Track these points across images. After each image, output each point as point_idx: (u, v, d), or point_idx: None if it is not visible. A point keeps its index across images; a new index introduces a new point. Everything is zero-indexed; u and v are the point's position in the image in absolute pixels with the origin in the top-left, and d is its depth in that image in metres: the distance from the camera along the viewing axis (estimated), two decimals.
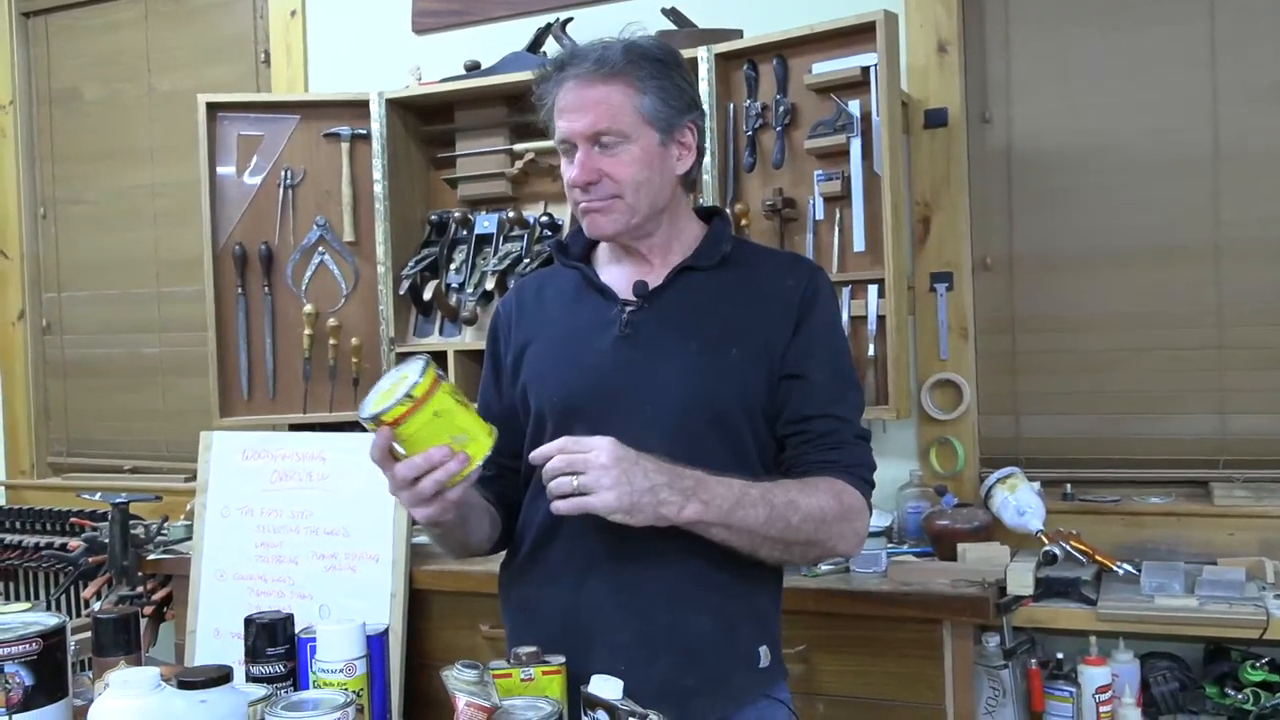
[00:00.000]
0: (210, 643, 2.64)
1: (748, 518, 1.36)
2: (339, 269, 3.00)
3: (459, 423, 1.25)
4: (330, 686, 1.25)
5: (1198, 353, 2.52)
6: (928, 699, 2.09)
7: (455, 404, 1.25)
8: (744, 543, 1.39)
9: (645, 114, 1.45)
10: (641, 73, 1.45)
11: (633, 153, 1.45)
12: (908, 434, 2.68)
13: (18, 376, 3.85)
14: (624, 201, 1.46)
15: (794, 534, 1.40)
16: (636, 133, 1.45)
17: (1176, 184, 2.53)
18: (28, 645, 1.15)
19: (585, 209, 1.49)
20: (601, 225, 1.49)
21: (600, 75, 1.44)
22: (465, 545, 1.55)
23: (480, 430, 1.27)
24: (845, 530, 1.45)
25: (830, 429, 1.48)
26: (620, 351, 1.48)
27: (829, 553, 1.48)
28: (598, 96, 1.44)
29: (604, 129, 1.43)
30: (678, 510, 1.31)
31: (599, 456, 1.28)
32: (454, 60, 2.98)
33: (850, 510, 1.45)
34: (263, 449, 2.71)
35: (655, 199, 1.49)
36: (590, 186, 1.46)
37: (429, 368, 1.25)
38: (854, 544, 1.48)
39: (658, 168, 1.48)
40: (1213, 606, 2.09)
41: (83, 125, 3.80)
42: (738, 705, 1.48)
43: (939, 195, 2.64)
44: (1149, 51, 2.54)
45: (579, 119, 1.44)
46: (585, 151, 1.45)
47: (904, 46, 2.60)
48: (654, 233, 1.52)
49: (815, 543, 1.43)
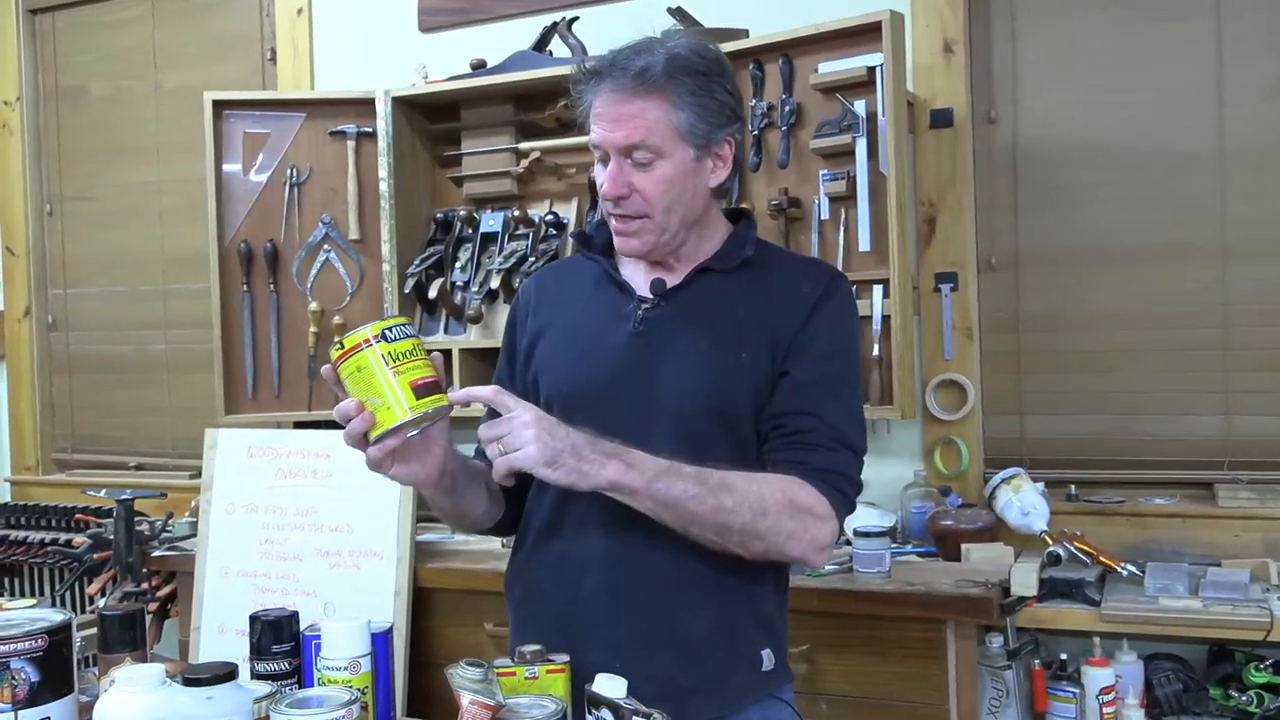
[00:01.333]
0: (215, 640, 2.65)
1: (673, 489, 1.33)
2: (344, 267, 3.00)
3: (375, 385, 1.27)
4: (335, 684, 1.25)
5: (1203, 353, 2.51)
6: (931, 699, 2.09)
7: (383, 367, 1.26)
8: (672, 518, 1.35)
9: (681, 130, 1.42)
10: (681, 88, 1.42)
11: (665, 170, 1.43)
12: (912, 434, 2.68)
13: (23, 373, 3.86)
14: (653, 222, 1.45)
15: (727, 517, 1.35)
16: (671, 149, 1.43)
17: (1182, 182, 2.52)
18: (33, 641, 1.15)
19: (617, 229, 1.49)
20: (633, 246, 1.48)
21: (639, 90, 1.41)
22: (460, 517, 1.55)
23: (401, 400, 1.26)
24: (793, 529, 1.38)
25: (806, 427, 1.43)
26: (632, 347, 1.48)
27: (777, 552, 1.40)
28: (634, 110, 1.41)
29: (637, 143, 1.41)
30: (598, 468, 1.30)
31: (522, 415, 1.29)
32: (460, 59, 2.98)
33: (800, 509, 1.38)
34: (267, 446, 2.72)
35: (686, 214, 1.48)
36: (620, 201, 1.45)
37: (381, 326, 1.27)
38: (808, 548, 1.40)
39: (690, 184, 1.46)
40: (1217, 608, 2.09)
41: (89, 122, 3.80)
42: (738, 705, 1.48)
43: (944, 195, 2.64)
44: (1155, 49, 2.54)
45: (613, 130, 1.42)
46: (617, 164, 1.44)
47: (909, 46, 2.60)
48: (683, 245, 1.52)
49: (755, 534, 1.37)
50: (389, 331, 1.27)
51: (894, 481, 2.62)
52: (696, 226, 1.51)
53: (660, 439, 1.38)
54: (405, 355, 1.27)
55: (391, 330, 1.28)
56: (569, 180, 2.90)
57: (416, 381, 1.27)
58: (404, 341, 1.27)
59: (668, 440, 1.39)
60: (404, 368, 1.27)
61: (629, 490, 1.33)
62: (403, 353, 1.27)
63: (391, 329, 1.28)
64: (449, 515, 1.56)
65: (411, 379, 1.27)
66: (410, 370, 1.27)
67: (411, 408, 1.27)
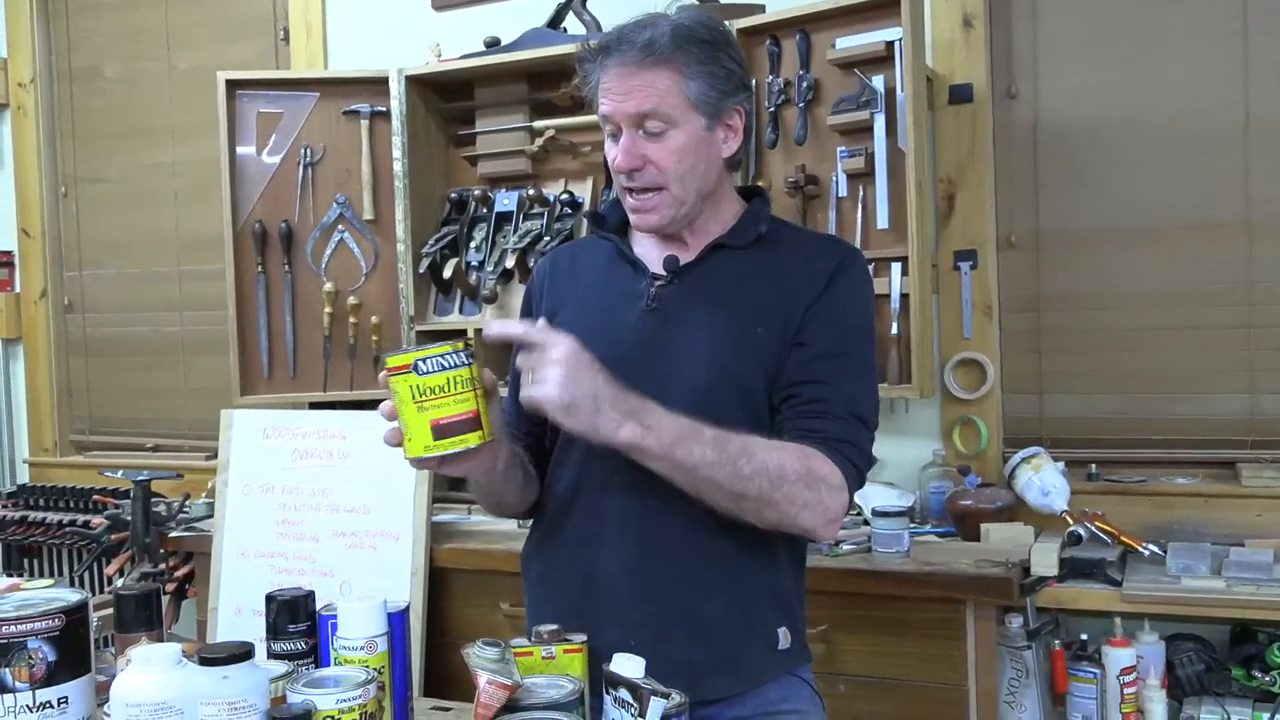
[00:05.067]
0: (231, 620, 2.66)
1: (692, 454, 1.30)
2: (359, 247, 2.99)
3: (401, 414, 1.25)
4: (351, 664, 1.25)
5: (1226, 332, 2.48)
6: (950, 679, 2.08)
7: (408, 400, 1.24)
8: (687, 482, 1.33)
9: (692, 99, 1.42)
10: (689, 58, 1.41)
11: (678, 140, 1.43)
12: (931, 413, 2.66)
13: (40, 355, 3.87)
14: (669, 194, 1.45)
15: (744, 485, 1.32)
16: (682, 119, 1.42)
17: (1207, 159, 2.49)
18: (51, 621, 1.15)
19: (632, 205, 1.47)
20: (650, 221, 1.47)
21: (647, 61, 1.41)
22: (500, 504, 1.56)
23: (421, 435, 1.24)
24: (808, 499, 1.36)
25: (820, 395, 1.41)
26: (646, 325, 1.48)
27: (790, 521, 1.38)
28: (643, 81, 1.41)
29: (648, 111, 1.41)
30: (615, 427, 1.27)
31: (552, 352, 1.25)
32: (474, 37, 2.96)
33: (817, 479, 1.36)
34: (283, 427, 2.72)
35: (702, 185, 1.47)
36: (634, 173, 1.44)
37: (415, 357, 1.23)
38: (819, 519, 1.38)
39: (703, 154, 1.45)
40: (1240, 588, 2.07)
41: (103, 103, 3.80)
42: (755, 683, 1.47)
43: (963, 172, 2.61)
44: (1179, 23, 2.50)
45: (623, 102, 1.42)
46: (629, 136, 1.43)
47: (929, 20, 2.57)
48: (697, 217, 1.51)
49: (770, 502, 1.35)
50: (422, 364, 1.23)
51: (912, 461, 2.61)
52: (711, 200, 1.50)
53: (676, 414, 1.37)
54: (434, 391, 1.23)
55: (426, 362, 1.23)
56: (584, 159, 2.88)
57: (440, 421, 1.23)
58: (435, 376, 1.23)
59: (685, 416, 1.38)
60: (429, 404, 1.23)
61: (643, 453, 1.30)
62: (431, 388, 1.23)
63: (426, 360, 1.23)
64: (488, 498, 1.56)
65: (435, 417, 1.23)
66: (436, 408, 1.23)
67: (427, 448, 1.24)
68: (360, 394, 2.93)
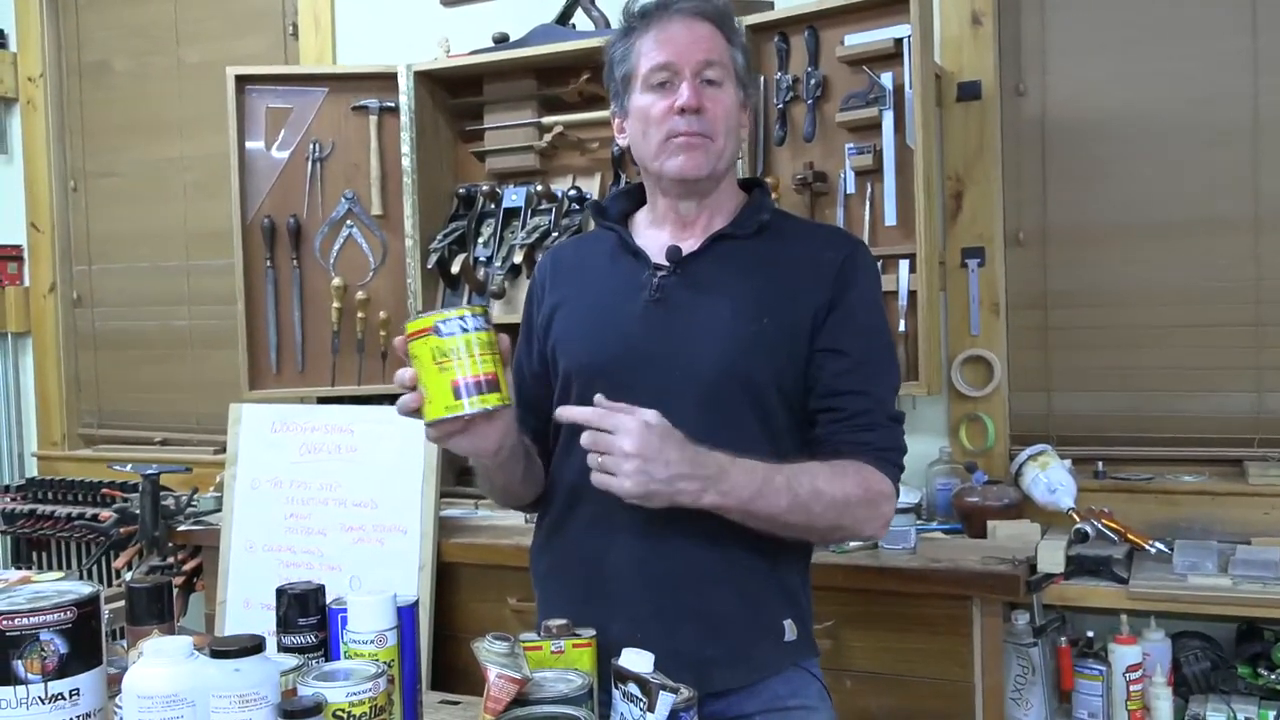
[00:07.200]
0: (240, 613, 2.66)
1: (768, 507, 1.36)
2: (367, 242, 3.00)
3: (422, 376, 1.27)
4: (361, 657, 1.25)
5: (1235, 329, 2.48)
6: (956, 676, 2.08)
7: (429, 362, 1.26)
8: (763, 526, 1.39)
9: (735, 67, 1.49)
10: (732, 30, 1.50)
11: (730, 96, 1.48)
12: (938, 410, 2.66)
13: (49, 348, 3.88)
14: (715, 145, 1.47)
15: (816, 520, 1.40)
16: (728, 81, 1.48)
17: (1215, 155, 2.48)
18: (63, 613, 1.16)
19: (685, 143, 1.46)
20: (697, 161, 1.47)
21: (707, 18, 1.47)
22: (506, 490, 1.56)
23: (441, 396, 1.26)
24: (870, 515, 1.44)
25: (864, 408, 1.46)
26: (650, 316, 1.48)
27: (852, 535, 1.50)
28: (706, 33, 1.47)
29: (715, 59, 1.46)
30: (693, 500, 1.32)
31: (623, 443, 1.28)
32: (482, 32, 2.96)
33: (877, 496, 1.44)
34: (291, 421, 2.72)
35: (733, 153, 1.51)
36: (697, 114, 1.45)
37: (435, 319, 1.26)
38: (879, 527, 1.48)
39: (737, 121, 1.50)
40: (1246, 586, 2.07)
41: (112, 98, 3.80)
42: (762, 676, 1.48)
43: (971, 169, 2.61)
44: (1187, 19, 2.50)
45: (690, 49, 1.45)
46: (691, 84, 1.45)
47: (937, 17, 2.57)
48: (711, 192, 1.52)
49: (838, 527, 1.44)
50: (443, 325, 1.25)
51: (919, 458, 2.60)
52: (725, 181, 1.53)
53: (684, 407, 1.37)
54: (454, 352, 1.25)
55: (446, 324, 1.25)
56: (592, 155, 2.88)
57: (460, 380, 1.25)
58: (456, 337, 1.25)
59: (691, 408, 1.39)
60: (449, 365, 1.25)
61: (723, 512, 1.36)
62: (451, 349, 1.25)
63: (447, 321, 1.26)
64: (495, 487, 1.56)
65: (454, 377, 1.25)
66: (455, 368, 1.25)
67: (448, 408, 1.26)
68: (368, 389, 2.94)
